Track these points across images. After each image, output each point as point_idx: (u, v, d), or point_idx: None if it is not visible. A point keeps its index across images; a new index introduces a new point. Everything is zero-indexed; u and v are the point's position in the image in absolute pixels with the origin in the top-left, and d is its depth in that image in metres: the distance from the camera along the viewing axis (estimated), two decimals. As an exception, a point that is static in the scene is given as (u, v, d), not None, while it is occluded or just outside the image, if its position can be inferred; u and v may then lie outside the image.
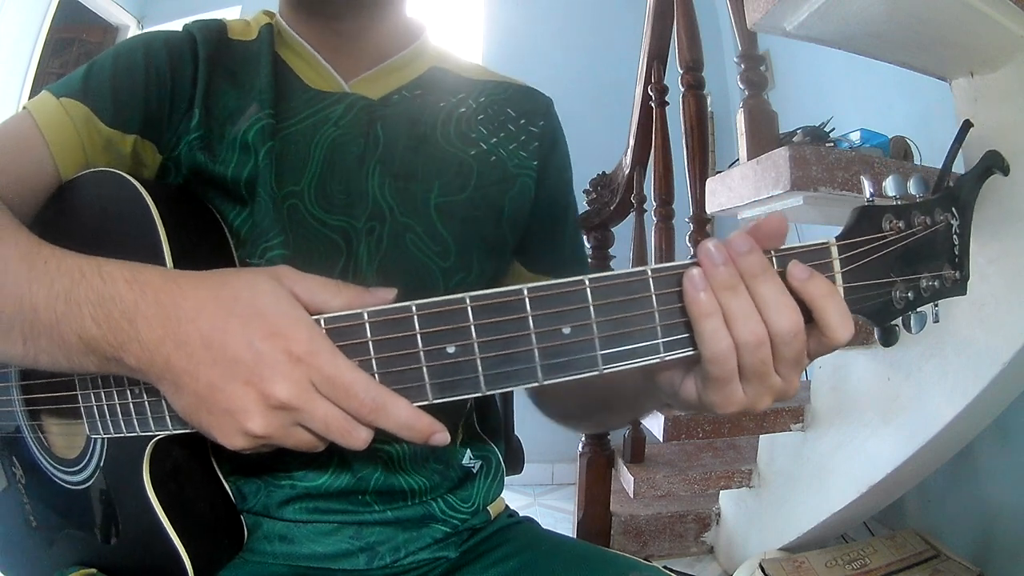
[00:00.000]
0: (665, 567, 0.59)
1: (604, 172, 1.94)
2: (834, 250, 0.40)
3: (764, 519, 1.60)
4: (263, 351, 0.38)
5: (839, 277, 0.40)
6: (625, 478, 1.66)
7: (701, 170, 1.47)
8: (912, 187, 0.42)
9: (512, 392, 0.75)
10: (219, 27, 0.63)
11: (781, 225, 0.39)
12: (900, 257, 0.41)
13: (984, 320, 1.05)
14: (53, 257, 0.43)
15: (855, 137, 1.21)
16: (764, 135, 1.22)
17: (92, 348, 0.41)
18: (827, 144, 1.22)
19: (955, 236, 0.42)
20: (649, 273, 0.39)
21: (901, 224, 0.41)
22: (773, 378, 0.40)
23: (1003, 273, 1.02)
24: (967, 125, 0.44)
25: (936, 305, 0.43)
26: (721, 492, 1.80)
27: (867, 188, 0.42)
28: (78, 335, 0.41)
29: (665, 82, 1.69)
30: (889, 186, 0.42)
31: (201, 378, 0.39)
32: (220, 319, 0.38)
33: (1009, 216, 1.01)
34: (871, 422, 1.28)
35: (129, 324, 0.39)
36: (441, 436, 0.40)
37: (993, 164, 0.43)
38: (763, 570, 1.39)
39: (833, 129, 1.29)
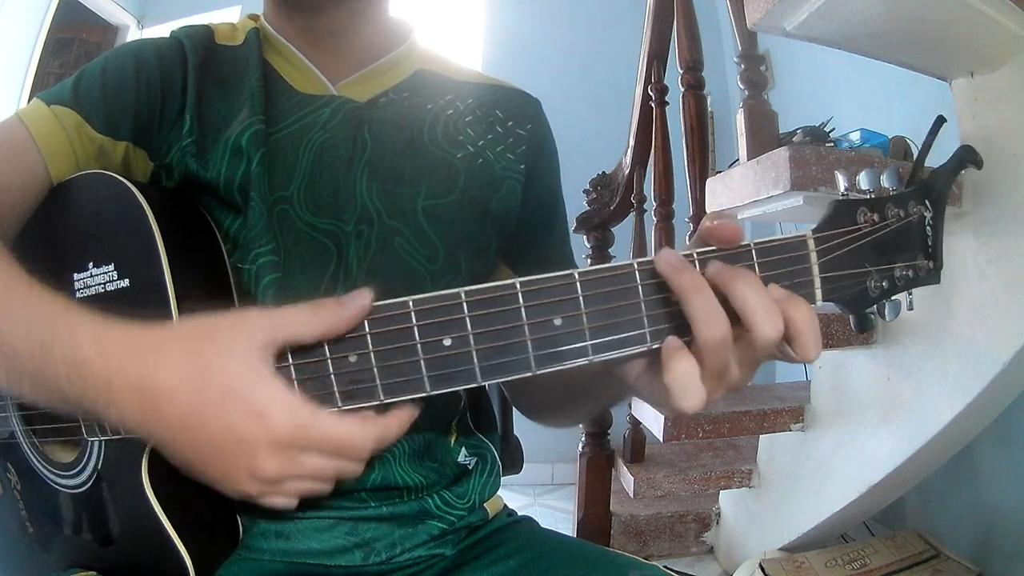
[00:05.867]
0: (665, 567, 0.59)
1: (604, 172, 1.94)
2: (811, 242, 0.42)
3: (764, 519, 1.60)
4: (244, 433, 0.38)
5: (816, 268, 0.42)
6: (625, 478, 1.66)
7: (701, 170, 1.47)
8: (885, 181, 0.43)
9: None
10: (206, 33, 0.63)
11: (735, 233, 0.40)
12: (874, 248, 0.43)
13: (984, 320, 1.05)
14: (30, 299, 0.43)
15: (855, 137, 1.21)
16: (764, 135, 1.22)
17: (73, 404, 0.41)
18: (827, 144, 1.22)
19: (928, 227, 0.44)
20: (635, 266, 0.40)
21: (875, 216, 0.42)
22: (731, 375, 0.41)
23: (1003, 273, 1.02)
24: (940, 120, 0.45)
25: (910, 294, 0.44)
26: (721, 492, 1.80)
27: (841, 183, 0.44)
28: (58, 389, 0.40)
29: (665, 82, 1.68)
30: (863, 180, 0.43)
31: (187, 451, 0.39)
32: (195, 399, 0.38)
33: (1009, 216, 1.01)
34: (871, 422, 1.28)
35: (106, 394, 0.39)
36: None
37: (966, 158, 0.45)
38: (763, 570, 1.39)
39: (833, 129, 1.29)
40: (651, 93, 1.69)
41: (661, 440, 1.42)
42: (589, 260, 1.82)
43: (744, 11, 1.10)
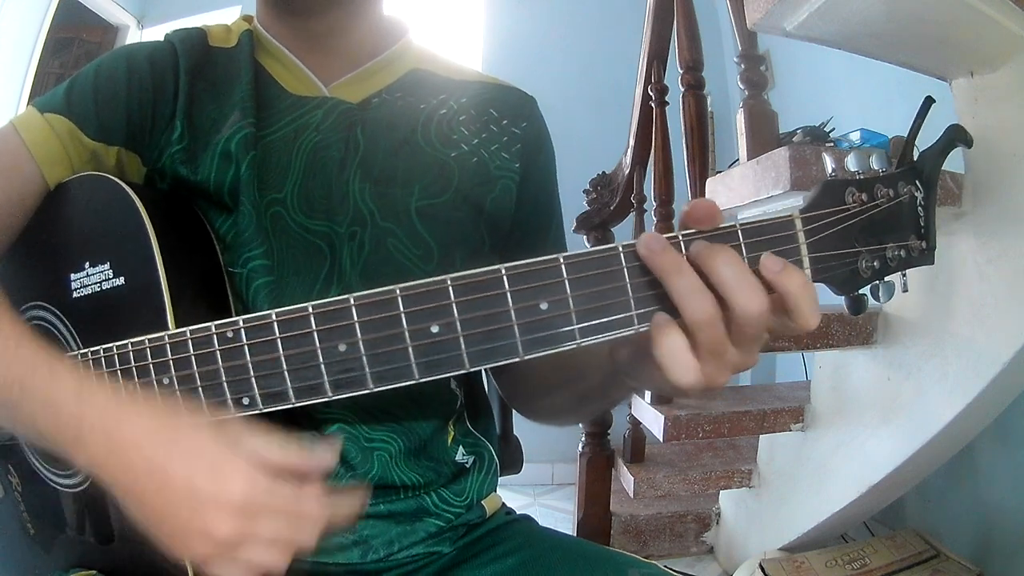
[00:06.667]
0: (665, 567, 0.59)
1: (604, 172, 1.94)
2: (798, 222, 0.41)
3: (764, 519, 1.60)
4: (204, 490, 0.39)
5: (804, 248, 0.41)
6: (625, 478, 1.66)
7: (701, 170, 1.47)
8: (874, 163, 0.43)
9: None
10: (200, 36, 0.63)
11: (710, 210, 0.40)
12: (864, 228, 0.42)
13: (984, 320, 1.05)
14: (13, 335, 0.44)
15: (855, 137, 1.21)
16: (764, 135, 1.22)
17: (45, 439, 0.42)
18: (827, 144, 1.22)
19: (920, 208, 0.43)
20: (620, 249, 0.40)
21: (864, 196, 0.42)
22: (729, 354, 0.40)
23: (1003, 273, 1.02)
24: (929, 101, 0.45)
25: (904, 275, 0.44)
26: (721, 492, 1.80)
27: (828, 164, 0.43)
28: (32, 424, 0.43)
29: (665, 82, 1.68)
30: (851, 162, 0.43)
31: (146, 503, 0.40)
32: (162, 449, 0.40)
33: (1009, 216, 1.01)
34: (871, 422, 1.28)
35: (76, 434, 0.41)
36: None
37: (956, 137, 0.44)
38: (763, 570, 1.39)
39: (833, 129, 1.29)
40: (651, 93, 1.69)
41: (661, 440, 1.42)
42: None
43: (744, 11, 1.10)
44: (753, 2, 1.04)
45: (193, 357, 0.45)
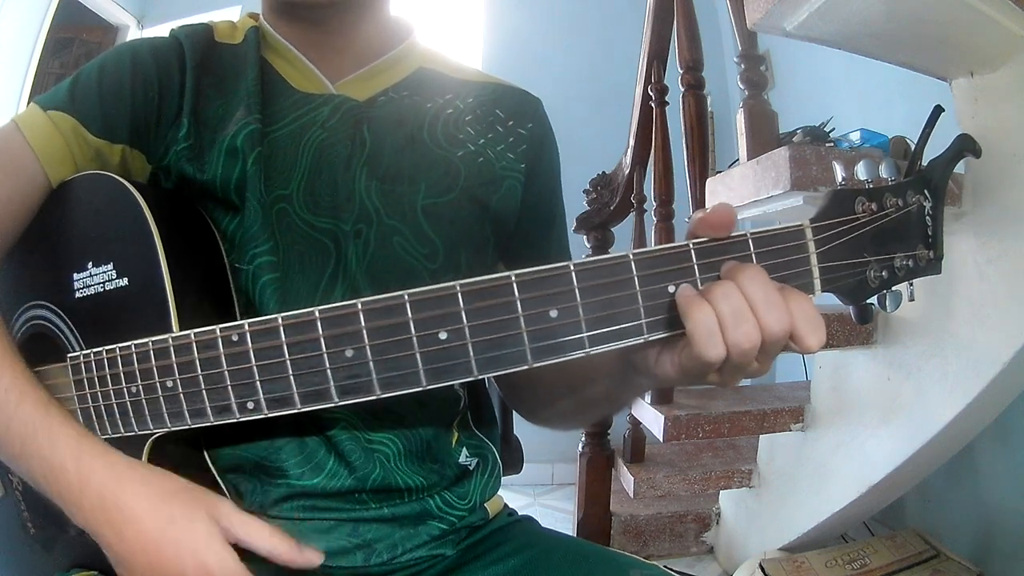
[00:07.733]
0: (665, 567, 0.59)
1: (604, 172, 1.94)
2: (808, 232, 0.41)
3: (764, 519, 1.60)
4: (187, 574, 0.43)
5: (814, 257, 0.41)
6: (625, 478, 1.66)
7: (701, 170, 1.47)
8: (883, 171, 0.43)
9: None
10: (206, 31, 0.63)
11: (727, 216, 0.41)
12: (873, 238, 0.42)
13: (984, 320, 1.05)
14: (14, 387, 0.46)
15: (855, 137, 1.21)
16: (764, 135, 1.22)
17: (46, 493, 0.46)
18: (827, 144, 1.22)
19: (928, 217, 0.43)
20: (631, 257, 0.40)
21: (873, 206, 0.42)
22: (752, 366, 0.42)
23: (1003, 273, 1.02)
24: (938, 110, 0.45)
25: (911, 284, 0.44)
26: (721, 492, 1.80)
27: (839, 173, 0.43)
28: (32, 480, 0.46)
29: (665, 82, 1.68)
30: (860, 170, 0.43)
31: (136, 570, 0.44)
32: (156, 534, 0.43)
33: (1009, 216, 1.01)
34: (871, 422, 1.28)
35: (78, 499, 0.44)
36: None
37: (964, 147, 0.44)
38: (763, 570, 1.39)
39: (833, 129, 1.29)
40: (651, 93, 1.69)
41: (661, 440, 1.42)
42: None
43: (744, 11, 1.10)
44: (753, 2, 1.04)
45: (197, 361, 0.45)
